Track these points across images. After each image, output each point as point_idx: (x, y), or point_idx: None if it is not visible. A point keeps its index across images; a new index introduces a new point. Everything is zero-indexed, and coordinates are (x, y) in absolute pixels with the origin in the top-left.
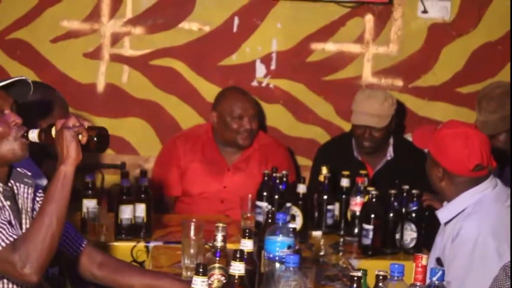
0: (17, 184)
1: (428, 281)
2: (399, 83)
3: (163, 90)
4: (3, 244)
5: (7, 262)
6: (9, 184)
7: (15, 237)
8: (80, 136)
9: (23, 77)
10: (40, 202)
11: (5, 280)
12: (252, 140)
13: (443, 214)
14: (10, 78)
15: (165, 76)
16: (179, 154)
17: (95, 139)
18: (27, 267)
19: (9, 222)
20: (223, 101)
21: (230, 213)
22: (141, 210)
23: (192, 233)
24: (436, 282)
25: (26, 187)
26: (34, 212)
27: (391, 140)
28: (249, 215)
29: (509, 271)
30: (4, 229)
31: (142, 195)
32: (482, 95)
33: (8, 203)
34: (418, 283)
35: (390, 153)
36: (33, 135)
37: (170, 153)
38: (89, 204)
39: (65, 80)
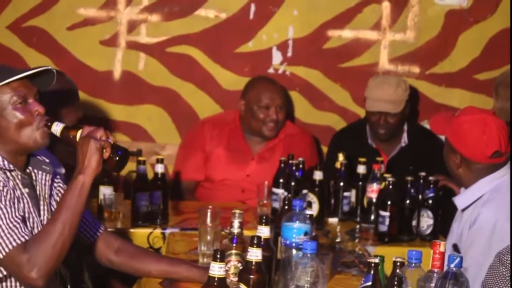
0: (35, 171)
1: (446, 267)
2: (416, 70)
3: (180, 77)
4: (13, 244)
5: (15, 263)
6: (27, 171)
7: (26, 237)
8: (103, 150)
9: (49, 67)
10: (57, 188)
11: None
12: (278, 131)
13: (460, 200)
14: (35, 68)
15: (182, 63)
16: (205, 139)
17: (116, 158)
18: (34, 271)
19: (23, 219)
20: (251, 90)
21: (249, 202)
22: (157, 197)
23: (208, 219)
24: (454, 268)
25: (44, 173)
26: (52, 198)
27: (405, 127)
28: (265, 202)
29: (503, 258)
30: (17, 228)
31: (159, 182)
32: (499, 82)
33: (27, 190)
34: (436, 270)
35: (404, 139)
36: (57, 128)
37: (196, 137)
38: (106, 191)
39: (82, 68)
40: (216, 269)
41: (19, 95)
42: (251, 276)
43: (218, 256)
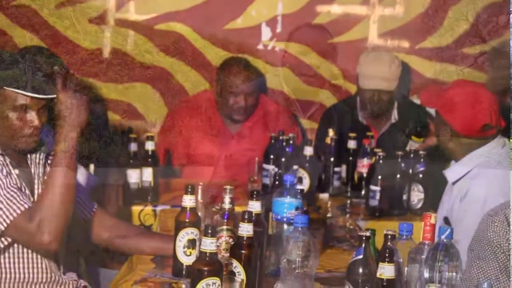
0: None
1: (436, 239)
2: (405, 44)
3: (169, 54)
4: (17, 211)
5: (24, 231)
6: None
7: (27, 205)
8: None
9: (50, 96)
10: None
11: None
12: (248, 115)
13: (451, 173)
14: (45, 92)
15: (171, 40)
16: (183, 122)
17: None
18: (46, 235)
19: (19, 188)
20: (222, 74)
21: (236, 179)
22: (148, 174)
23: (199, 196)
24: (445, 240)
25: (39, 152)
26: (46, 176)
27: (395, 103)
28: (255, 178)
29: (493, 219)
30: (14, 197)
31: (149, 159)
32: (494, 52)
33: (17, 171)
34: (427, 242)
35: (394, 116)
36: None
37: (173, 121)
38: None
39: (70, 46)
40: (208, 244)
41: (20, 104)
42: (243, 251)
43: (210, 231)
